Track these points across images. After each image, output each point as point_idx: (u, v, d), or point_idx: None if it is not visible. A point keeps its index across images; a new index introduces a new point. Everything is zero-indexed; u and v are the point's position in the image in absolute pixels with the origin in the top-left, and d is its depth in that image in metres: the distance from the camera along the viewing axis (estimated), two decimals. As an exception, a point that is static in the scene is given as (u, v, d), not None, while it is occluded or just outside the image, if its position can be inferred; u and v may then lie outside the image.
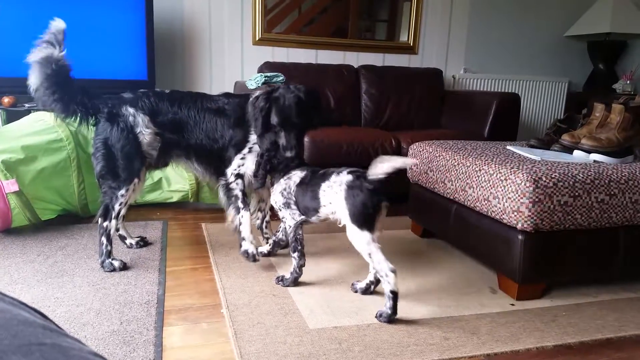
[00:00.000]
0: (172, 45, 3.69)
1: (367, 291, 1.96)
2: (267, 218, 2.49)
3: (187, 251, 2.37)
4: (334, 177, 1.86)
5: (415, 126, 3.82)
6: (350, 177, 1.80)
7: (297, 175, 2.01)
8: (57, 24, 2.00)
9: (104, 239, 2.10)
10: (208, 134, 2.19)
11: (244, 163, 2.20)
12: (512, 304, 1.91)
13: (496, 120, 3.52)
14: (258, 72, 3.43)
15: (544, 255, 1.91)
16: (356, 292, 1.97)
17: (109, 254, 2.11)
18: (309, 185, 1.94)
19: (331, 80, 3.70)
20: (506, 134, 3.53)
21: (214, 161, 2.24)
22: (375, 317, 1.75)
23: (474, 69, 4.48)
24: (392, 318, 1.71)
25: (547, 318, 1.80)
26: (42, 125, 2.61)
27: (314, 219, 1.96)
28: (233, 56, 3.85)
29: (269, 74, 3.16)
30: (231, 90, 3.69)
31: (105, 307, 1.74)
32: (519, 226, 1.85)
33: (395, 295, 1.71)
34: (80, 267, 2.10)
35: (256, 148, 2.18)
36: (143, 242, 2.41)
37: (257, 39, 3.85)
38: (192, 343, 1.56)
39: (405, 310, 1.81)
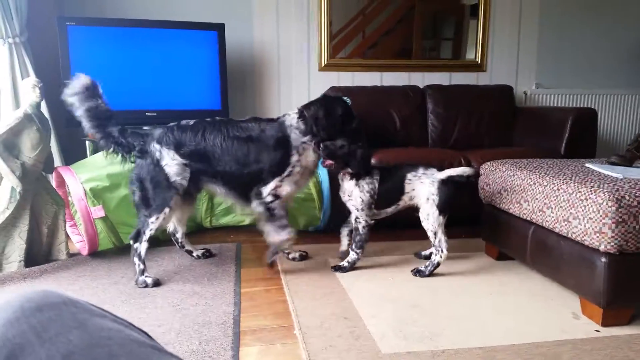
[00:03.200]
0: (243, 75, 3.85)
1: (430, 257, 2.40)
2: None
3: (260, 273, 2.43)
4: (422, 170, 2.34)
5: (485, 145, 3.72)
6: (442, 176, 2.29)
7: (376, 176, 2.38)
8: (82, 80, 2.18)
9: (136, 259, 2.26)
10: (238, 160, 2.30)
11: (282, 185, 2.32)
12: (597, 330, 1.80)
13: (572, 137, 3.37)
14: (324, 97, 3.49)
15: (631, 278, 1.79)
16: (418, 257, 2.57)
17: (142, 272, 2.25)
18: (391, 179, 2.37)
19: (396, 101, 3.70)
20: (584, 151, 3.37)
21: (240, 185, 2.35)
22: (412, 271, 2.34)
23: (547, 84, 4.32)
24: (423, 275, 2.31)
25: (638, 346, 1.68)
26: (125, 154, 2.79)
27: (391, 209, 2.40)
28: (300, 83, 3.95)
29: (335, 98, 3.21)
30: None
31: (185, 327, 1.82)
32: (602, 248, 1.76)
33: (438, 264, 2.30)
34: (160, 288, 2.21)
35: (295, 171, 2.33)
36: (208, 253, 2.65)
37: (322, 65, 3.94)
38: (267, 364, 1.59)
39: (482, 335, 1.76)
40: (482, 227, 2.64)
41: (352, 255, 2.40)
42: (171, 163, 2.25)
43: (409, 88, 3.82)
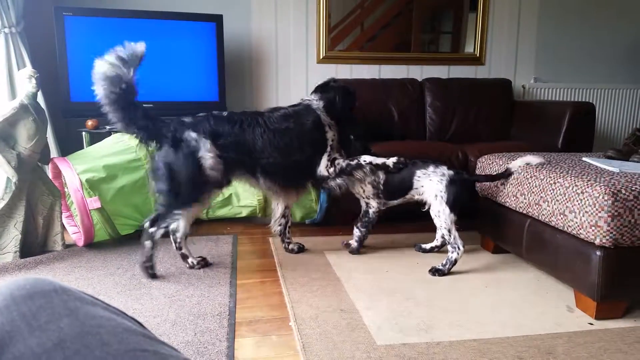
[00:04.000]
0: (241, 67, 3.83)
1: (430, 251, 2.57)
2: (289, 224, 2.61)
3: (256, 265, 2.43)
4: (432, 168, 2.37)
5: (483, 138, 3.72)
6: (452, 172, 2.34)
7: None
8: (137, 48, 2.06)
9: (148, 243, 2.19)
10: (281, 151, 2.28)
11: (331, 155, 2.41)
12: (591, 323, 1.81)
13: (570, 131, 3.37)
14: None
15: (625, 272, 1.80)
16: (419, 250, 2.59)
17: (150, 258, 2.21)
18: (401, 173, 2.41)
19: (395, 94, 3.69)
20: (581, 144, 3.37)
21: (283, 175, 2.34)
22: (429, 271, 2.29)
23: (545, 78, 4.32)
24: (442, 274, 2.27)
25: (631, 339, 1.69)
26: (122, 146, 2.78)
27: (398, 201, 2.48)
28: (298, 75, 3.93)
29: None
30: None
31: (180, 319, 1.82)
32: (597, 241, 1.76)
33: (456, 261, 2.28)
34: (156, 279, 2.21)
35: (334, 145, 2.43)
36: (204, 262, 2.38)
37: (321, 57, 3.92)
38: (262, 355, 1.59)
39: (477, 328, 1.76)
40: (479, 220, 2.64)
41: (356, 232, 2.52)
42: (207, 155, 2.15)
43: (408, 81, 3.81)
